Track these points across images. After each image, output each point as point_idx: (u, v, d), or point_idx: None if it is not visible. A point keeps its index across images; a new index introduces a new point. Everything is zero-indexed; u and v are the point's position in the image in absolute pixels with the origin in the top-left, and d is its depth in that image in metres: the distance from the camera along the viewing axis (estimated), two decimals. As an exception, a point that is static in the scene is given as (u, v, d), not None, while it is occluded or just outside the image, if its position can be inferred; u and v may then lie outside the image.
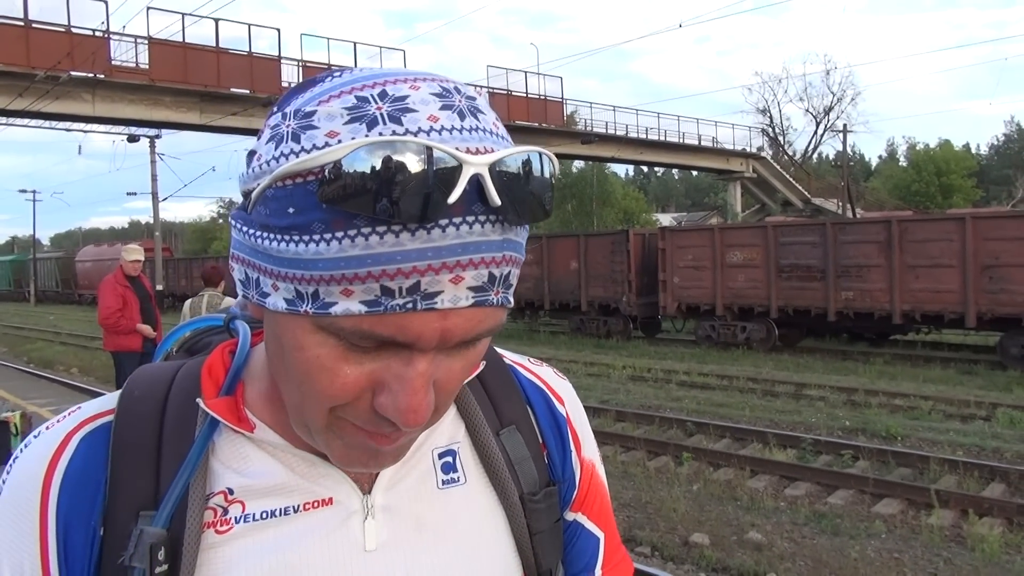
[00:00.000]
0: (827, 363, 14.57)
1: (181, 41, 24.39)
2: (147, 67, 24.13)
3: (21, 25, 21.90)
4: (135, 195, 37.16)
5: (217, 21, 24.93)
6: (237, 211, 0.59)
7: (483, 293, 0.53)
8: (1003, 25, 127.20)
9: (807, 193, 43.85)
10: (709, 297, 17.00)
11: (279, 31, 27.49)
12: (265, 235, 0.54)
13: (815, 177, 51.34)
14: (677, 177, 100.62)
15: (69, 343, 20.56)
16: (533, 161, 0.54)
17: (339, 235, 0.50)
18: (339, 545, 0.65)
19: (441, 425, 0.72)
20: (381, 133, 0.50)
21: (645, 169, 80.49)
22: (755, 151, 43.68)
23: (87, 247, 52.25)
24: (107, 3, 23.17)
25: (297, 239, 0.52)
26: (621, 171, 69.47)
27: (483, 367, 0.75)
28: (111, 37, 23.59)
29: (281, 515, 0.64)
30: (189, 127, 26.80)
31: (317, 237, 0.51)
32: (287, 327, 0.55)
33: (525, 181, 0.53)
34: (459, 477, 0.71)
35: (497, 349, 0.80)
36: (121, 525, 0.61)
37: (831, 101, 54.55)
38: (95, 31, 23.03)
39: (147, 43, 24.17)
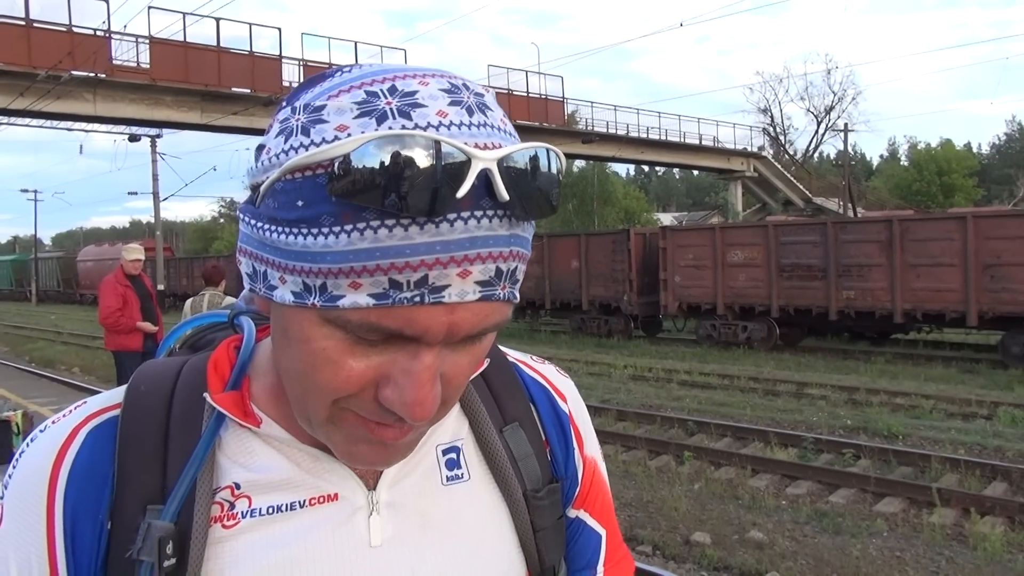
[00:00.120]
0: (828, 362, 14.56)
1: (182, 40, 24.40)
2: (148, 67, 24.14)
3: (22, 24, 21.91)
4: (136, 195, 37.18)
5: (218, 20, 24.97)
6: (245, 204, 0.59)
7: (490, 288, 0.53)
8: (1004, 24, 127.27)
9: (808, 192, 43.82)
10: (710, 296, 17.00)
11: (280, 30, 27.52)
12: (273, 228, 0.54)
13: (816, 176, 51.31)
14: (678, 176, 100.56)
15: (70, 343, 20.58)
16: (540, 157, 0.54)
17: (348, 228, 0.50)
18: (344, 541, 0.65)
19: (445, 422, 0.72)
20: (391, 127, 0.51)
21: (646, 168, 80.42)
22: (756, 150, 43.63)
23: (88, 247, 52.30)
24: (108, 2, 23.19)
25: (306, 232, 0.52)
26: (622, 170, 69.58)
27: (486, 364, 0.75)
28: (112, 36, 23.61)
29: (287, 510, 0.64)
30: (190, 127, 26.82)
31: (326, 230, 0.51)
32: (294, 320, 0.56)
33: (532, 177, 0.53)
34: (463, 474, 0.71)
35: (500, 347, 0.80)
36: (128, 519, 0.61)
37: (832, 100, 54.57)
38: (96, 30, 23.05)
39: (148, 42, 24.18)
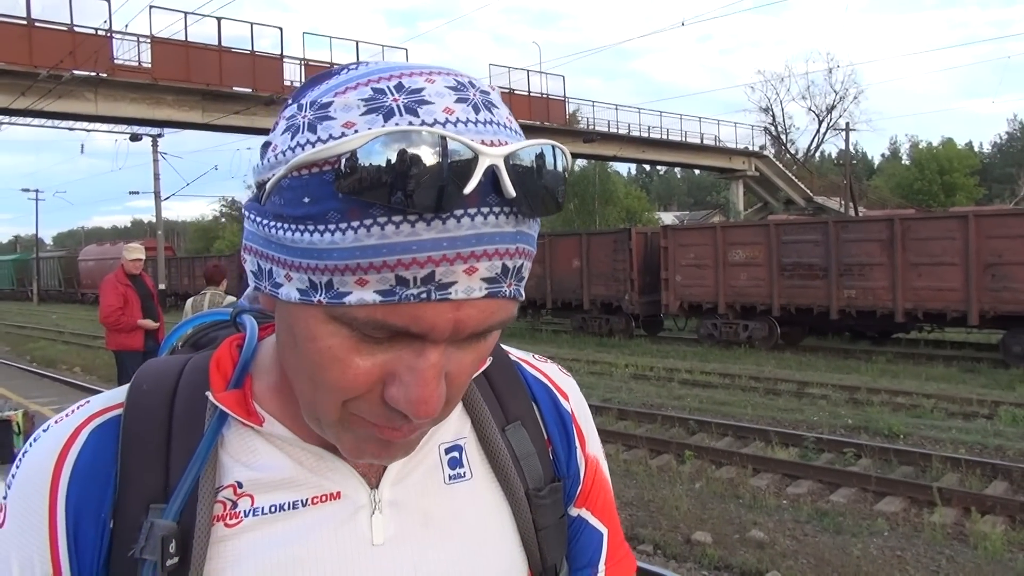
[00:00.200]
0: (829, 361, 14.56)
1: (183, 40, 24.40)
2: (149, 66, 24.16)
3: (24, 24, 21.93)
4: (137, 194, 37.25)
5: (219, 20, 24.95)
6: (250, 202, 0.59)
7: (496, 285, 0.53)
8: (1005, 24, 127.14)
9: (809, 191, 43.79)
10: (711, 295, 16.99)
11: (281, 30, 27.59)
12: (279, 225, 0.54)
13: (817, 175, 51.31)
14: (679, 176, 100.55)
15: (72, 342, 20.60)
16: (547, 154, 0.54)
17: (355, 224, 0.50)
18: (347, 539, 0.65)
19: (448, 421, 0.72)
20: (397, 124, 0.51)
21: (647, 168, 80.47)
22: (757, 150, 43.56)
23: (90, 246, 52.31)
24: (109, 2, 23.19)
25: (312, 229, 0.52)
26: (623, 170, 69.53)
27: (489, 363, 0.75)
28: (113, 36, 23.63)
29: (289, 509, 0.64)
30: (191, 126, 26.84)
31: (332, 227, 0.51)
32: (300, 317, 0.56)
33: (539, 174, 0.53)
34: (465, 472, 0.71)
35: (502, 346, 0.80)
36: (131, 518, 0.61)
37: (833, 99, 54.63)
38: (97, 30, 23.07)
39: (149, 42, 24.20)
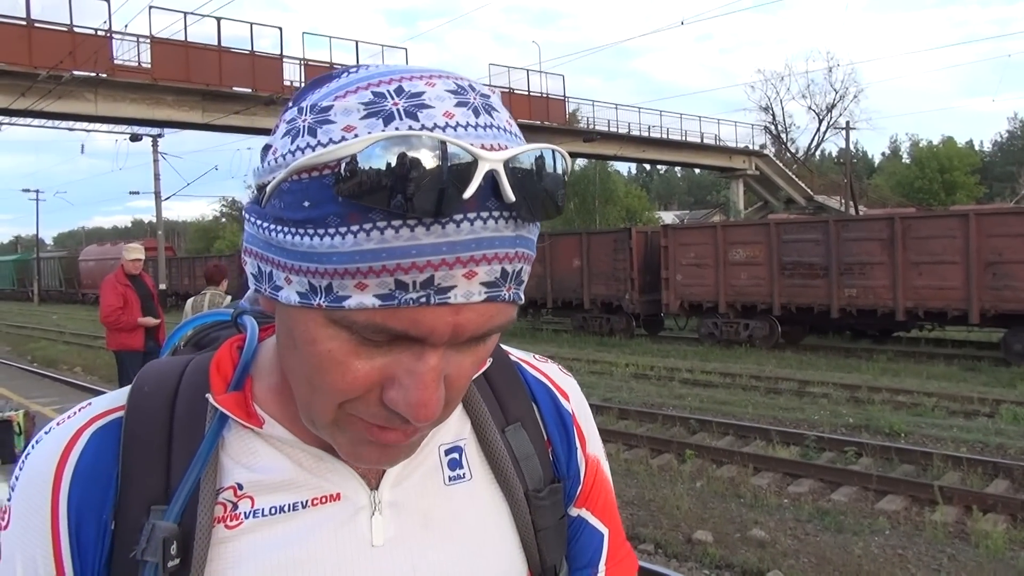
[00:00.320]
0: (830, 360, 14.56)
1: (183, 40, 24.39)
2: (149, 66, 24.14)
3: (23, 24, 21.92)
4: (138, 194, 37.24)
5: (219, 20, 24.92)
6: (251, 205, 0.59)
7: (495, 289, 0.53)
8: (1006, 22, 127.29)
9: (810, 190, 43.74)
10: (712, 295, 16.99)
11: (281, 30, 27.57)
12: (279, 228, 0.54)
13: (818, 174, 51.26)
14: (680, 175, 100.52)
15: (72, 342, 20.60)
16: (546, 158, 0.54)
17: (354, 229, 0.50)
18: (346, 541, 0.65)
19: (448, 422, 0.71)
20: (397, 128, 0.51)
21: (648, 167, 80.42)
22: (758, 149, 43.50)
23: (90, 246, 52.34)
24: (109, 2, 23.17)
25: (312, 232, 0.52)
26: (623, 169, 69.44)
27: (489, 364, 0.75)
28: (113, 36, 23.62)
29: (289, 510, 0.64)
30: (191, 126, 26.83)
31: (332, 231, 0.51)
32: (299, 321, 0.56)
33: (538, 178, 0.53)
34: (465, 474, 0.72)
35: (502, 346, 0.80)
36: (132, 519, 0.61)
37: (834, 98, 54.55)
38: (97, 30, 23.05)
39: (149, 42, 24.17)
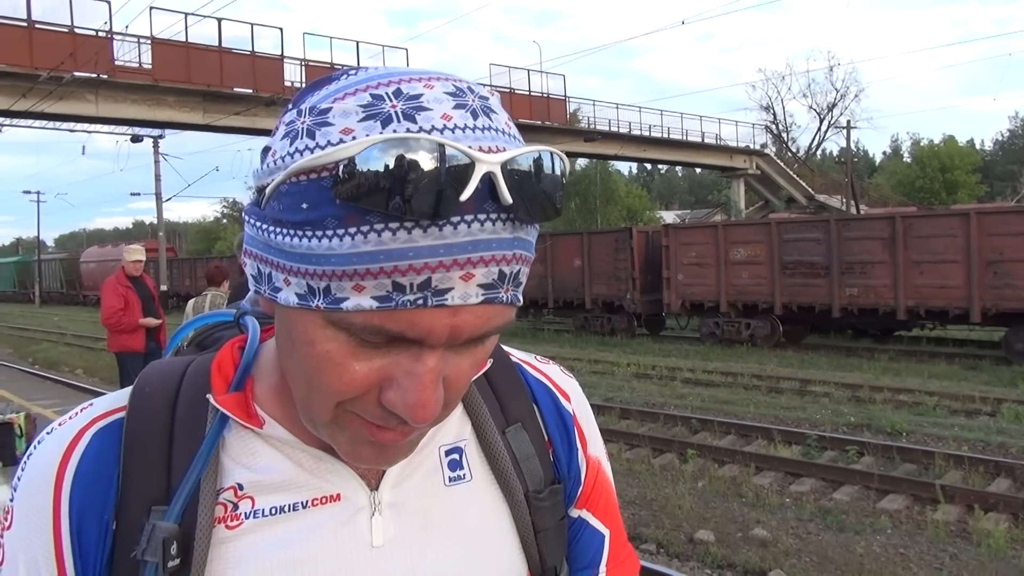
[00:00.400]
0: (831, 359, 14.55)
1: (184, 41, 24.39)
2: (150, 67, 24.15)
3: (24, 26, 21.92)
4: (139, 195, 37.27)
5: (220, 21, 24.93)
6: (250, 206, 0.60)
7: (493, 290, 0.53)
8: (1007, 21, 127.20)
9: (811, 190, 43.69)
10: (713, 294, 16.98)
11: (282, 30, 27.65)
12: (278, 230, 0.55)
13: (819, 174, 51.23)
14: (681, 174, 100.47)
15: (74, 344, 20.61)
16: (544, 160, 0.54)
17: (352, 231, 0.51)
18: (346, 541, 0.65)
19: (448, 423, 0.72)
20: (395, 130, 0.51)
21: (648, 167, 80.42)
22: (759, 148, 43.46)
23: (91, 248, 52.36)
24: (110, 3, 23.21)
25: (310, 234, 0.52)
26: (624, 169, 69.45)
27: (490, 365, 0.75)
28: (114, 37, 23.63)
29: (290, 511, 0.65)
30: (192, 127, 26.84)
31: (330, 233, 0.51)
32: (298, 322, 0.56)
33: (536, 180, 0.53)
34: (465, 474, 0.72)
35: (504, 347, 0.80)
36: (133, 519, 0.62)
37: (835, 97, 54.50)
38: (98, 31, 23.07)
39: (150, 43, 24.18)
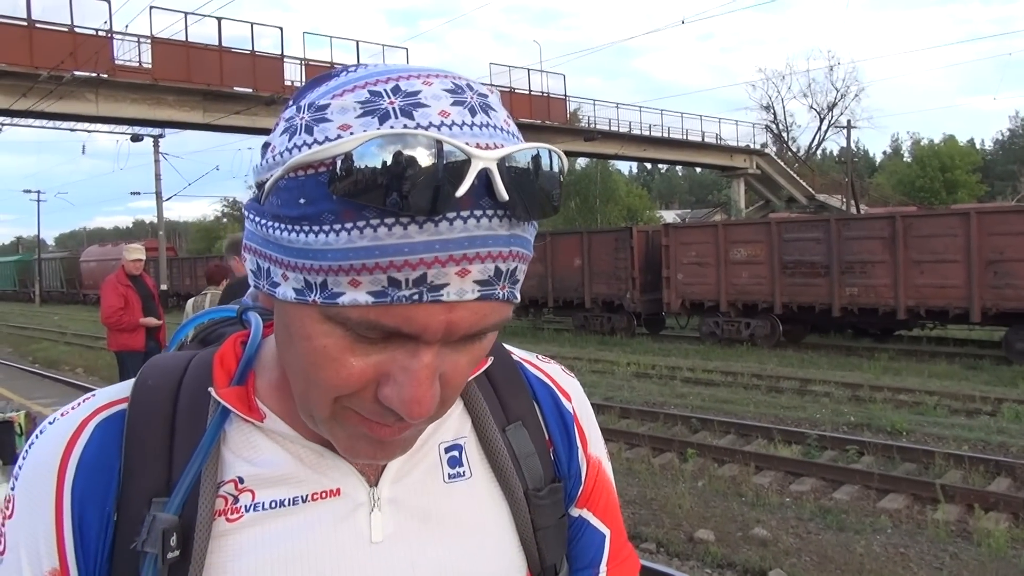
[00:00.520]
0: (832, 359, 14.54)
1: (184, 40, 24.37)
2: (150, 66, 24.13)
3: (24, 25, 21.91)
4: (139, 195, 37.31)
5: (220, 20, 24.89)
6: (251, 202, 0.60)
7: (489, 287, 0.54)
8: (1007, 20, 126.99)
9: (811, 189, 43.67)
10: (713, 294, 16.98)
11: (282, 30, 27.59)
12: (276, 225, 0.55)
13: (819, 173, 51.18)
14: (681, 174, 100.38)
15: (74, 343, 20.61)
16: (542, 157, 0.54)
17: (348, 226, 0.51)
18: (346, 536, 0.66)
19: (448, 420, 0.72)
20: (392, 127, 0.51)
21: (648, 166, 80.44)
22: (759, 148, 43.42)
23: (91, 247, 52.31)
24: (110, 2, 23.19)
25: (307, 229, 0.52)
26: (624, 168, 69.37)
27: (491, 363, 0.75)
28: (114, 36, 23.62)
29: (289, 505, 0.65)
30: (192, 126, 26.83)
31: (327, 228, 0.52)
32: (296, 317, 0.56)
33: (534, 177, 0.53)
34: (465, 472, 0.72)
35: (505, 346, 0.81)
36: (134, 511, 0.62)
37: (835, 97, 54.45)
38: (98, 31, 23.05)
39: (150, 42, 24.16)
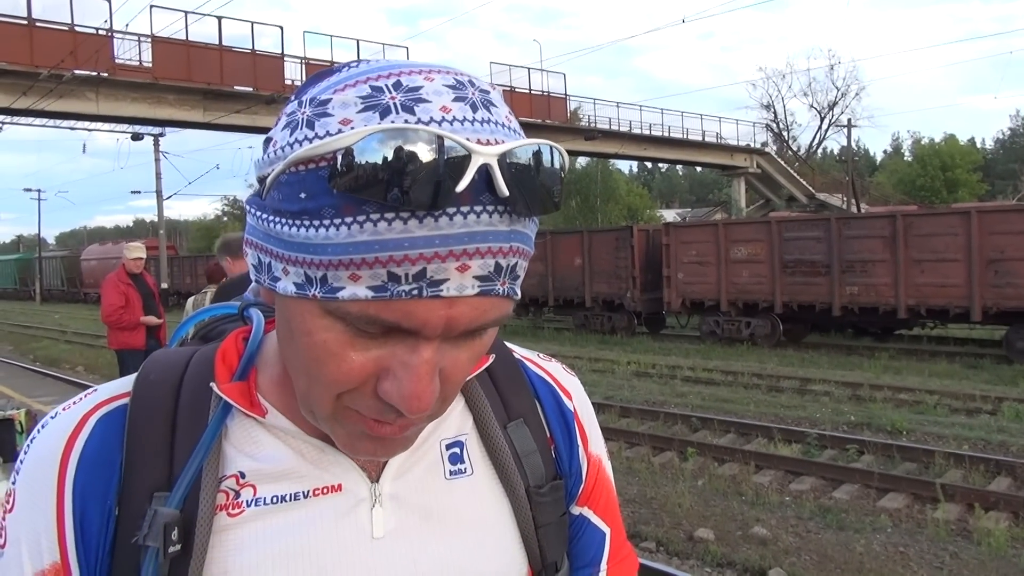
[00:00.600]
0: (832, 358, 14.54)
1: (184, 39, 24.37)
2: (150, 65, 24.12)
3: (24, 24, 21.91)
4: (139, 193, 37.32)
5: (220, 19, 24.87)
6: (252, 197, 0.60)
7: (489, 283, 0.54)
8: (1008, 19, 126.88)
9: (811, 188, 43.64)
10: (713, 293, 16.97)
11: (282, 29, 27.67)
12: (277, 220, 0.55)
13: (819, 172, 51.11)
14: (681, 173, 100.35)
15: (74, 341, 20.61)
16: (543, 153, 0.54)
17: (348, 220, 0.51)
18: (347, 531, 0.66)
19: (449, 417, 0.72)
20: (393, 122, 0.51)
21: (649, 165, 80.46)
22: (759, 147, 43.39)
23: (92, 246, 52.29)
24: (110, 1, 23.20)
25: (308, 224, 0.53)
26: (625, 167, 69.35)
27: (492, 360, 0.75)
28: (114, 35, 23.61)
29: (291, 500, 0.65)
30: (192, 125, 26.81)
31: (327, 222, 0.52)
32: (296, 311, 0.56)
33: (535, 173, 0.53)
34: (466, 468, 0.72)
35: (506, 344, 0.81)
36: (136, 505, 0.62)
37: (835, 96, 54.34)
38: (98, 29, 23.04)
39: (150, 41, 24.16)
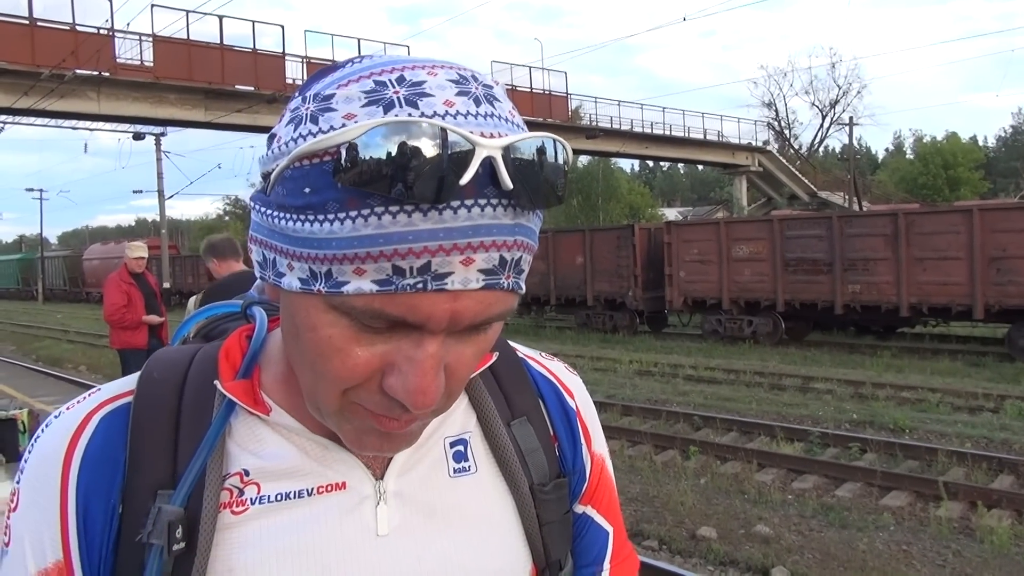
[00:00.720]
0: (834, 356, 14.54)
1: (185, 38, 24.40)
2: (152, 65, 24.15)
3: (26, 23, 21.94)
4: (141, 193, 37.24)
5: (221, 18, 24.91)
6: (257, 193, 0.60)
7: (494, 276, 0.53)
8: (1010, 17, 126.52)
9: (813, 187, 43.63)
10: (715, 291, 16.97)
11: (283, 28, 27.64)
12: (282, 215, 0.55)
13: (821, 170, 51.12)
14: (683, 171, 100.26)
15: (77, 341, 20.65)
16: (547, 147, 0.54)
17: (352, 214, 0.51)
18: (351, 529, 0.66)
19: (453, 415, 0.72)
20: (397, 115, 0.51)
21: (651, 164, 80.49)
22: (761, 145, 43.39)
23: (94, 245, 52.37)
24: (111, 1, 23.25)
25: (312, 218, 0.52)
26: (626, 166, 69.49)
27: (495, 359, 0.75)
28: (115, 35, 23.63)
29: (295, 498, 0.65)
30: (194, 124, 26.83)
31: (331, 216, 0.52)
32: (301, 307, 0.56)
33: (539, 167, 0.53)
34: (470, 466, 0.72)
35: (509, 343, 0.81)
36: (139, 503, 0.62)
37: (837, 94, 54.27)
38: (100, 29, 23.07)
39: (152, 40, 24.18)
